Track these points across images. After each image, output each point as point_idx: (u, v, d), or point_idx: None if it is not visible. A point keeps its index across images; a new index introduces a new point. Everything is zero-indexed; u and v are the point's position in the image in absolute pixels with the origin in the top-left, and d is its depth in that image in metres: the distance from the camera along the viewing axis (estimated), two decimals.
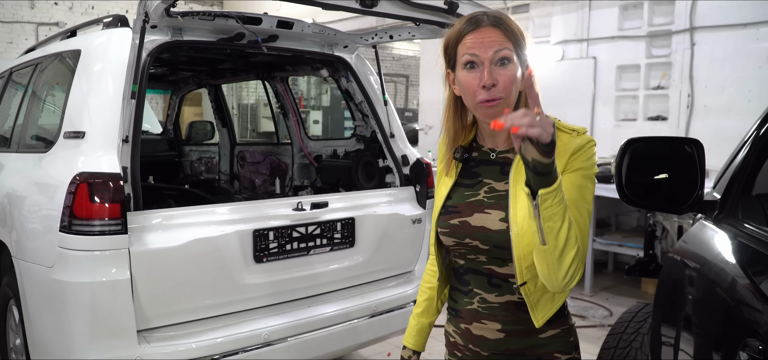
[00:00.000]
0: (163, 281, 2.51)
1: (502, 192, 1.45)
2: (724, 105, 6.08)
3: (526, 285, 1.41)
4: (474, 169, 1.53)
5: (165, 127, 5.92)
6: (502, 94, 1.36)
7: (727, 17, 6.01)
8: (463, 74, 1.40)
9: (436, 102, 9.26)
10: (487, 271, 1.48)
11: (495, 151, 1.51)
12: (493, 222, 1.43)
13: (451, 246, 1.53)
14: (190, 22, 2.79)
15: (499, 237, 1.42)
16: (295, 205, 2.93)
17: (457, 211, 1.50)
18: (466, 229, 1.47)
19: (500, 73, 1.35)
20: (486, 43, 1.36)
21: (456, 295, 1.58)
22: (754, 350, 1.16)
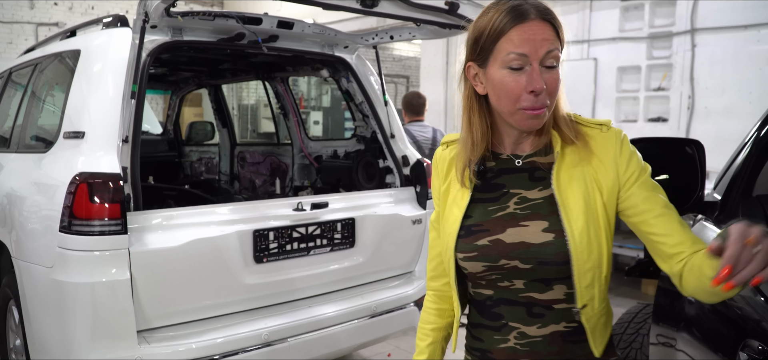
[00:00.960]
0: (163, 281, 2.51)
1: (538, 200, 1.25)
2: (724, 107, 6.08)
3: (586, 308, 1.23)
4: (494, 181, 1.31)
5: (165, 128, 5.93)
6: (548, 102, 1.19)
7: (728, 19, 6.01)
8: (504, 74, 1.19)
9: (436, 103, 9.25)
10: (525, 300, 1.25)
11: (519, 157, 1.30)
12: (535, 234, 1.22)
13: (478, 273, 1.28)
14: (190, 22, 2.79)
15: (546, 251, 1.21)
16: (296, 205, 2.93)
17: (483, 229, 1.27)
18: (500, 249, 1.24)
19: (547, 78, 1.17)
20: (538, 40, 1.16)
21: (481, 333, 1.33)
22: (754, 351, 1.16)
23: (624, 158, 1.23)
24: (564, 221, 1.20)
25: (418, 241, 3.43)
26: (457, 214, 1.31)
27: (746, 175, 1.73)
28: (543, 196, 1.25)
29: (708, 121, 6.18)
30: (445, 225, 1.35)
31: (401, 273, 3.44)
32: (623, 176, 1.22)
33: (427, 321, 1.48)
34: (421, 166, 3.49)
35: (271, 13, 3.04)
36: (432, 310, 1.48)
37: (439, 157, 1.42)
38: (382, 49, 14.23)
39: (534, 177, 1.28)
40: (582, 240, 1.19)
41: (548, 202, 1.24)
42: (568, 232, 1.19)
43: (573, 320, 1.23)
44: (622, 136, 1.26)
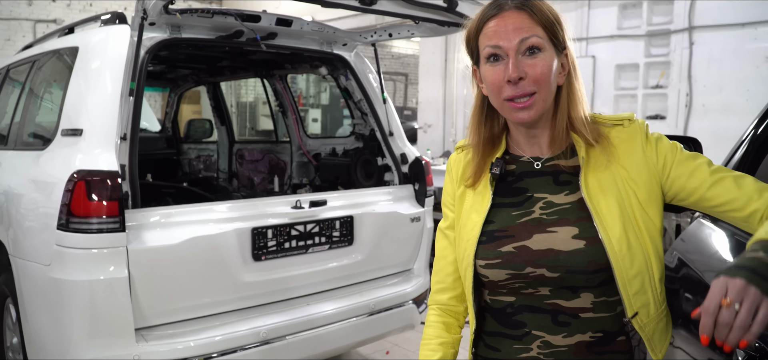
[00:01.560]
0: (162, 279, 2.50)
1: (565, 205, 1.20)
2: (722, 104, 6.09)
3: (638, 316, 1.16)
4: (516, 185, 1.26)
5: (163, 125, 5.92)
6: (533, 89, 1.15)
7: (726, 17, 6.02)
8: (487, 69, 1.19)
9: (435, 101, 9.26)
10: (550, 307, 1.19)
11: (539, 160, 1.25)
12: (564, 241, 1.16)
13: (500, 281, 1.21)
14: (189, 19, 2.79)
15: (576, 259, 1.15)
16: (294, 203, 2.93)
17: (508, 235, 1.21)
18: (526, 256, 1.18)
19: (529, 64, 1.15)
20: (510, 30, 1.15)
21: (499, 342, 1.26)
22: (752, 348, 1.16)
23: (651, 148, 1.19)
24: (600, 230, 1.14)
25: (417, 239, 3.43)
26: (477, 220, 1.25)
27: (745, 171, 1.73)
28: (570, 201, 1.20)
29: (706, 118, 6.19)
30: (462, 231, 1.28)
31: (400, 271, 3.44)
32: (657, 166, 1.19)
33: (434, 335, 1.36)
34: (420, 164, 3.49)
35: (270, 11, 3.04)
36: (438, 324, 1.37)
37: (453, 161, 1.38)
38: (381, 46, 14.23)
39: (559, 181, 1.23)
40: (622, 247, 1.13)
41: (576, 207, 1.19)
42: (605, 242, 1.14)
43: (599, 330, 1.18)
44: (645, 126, 1.22)
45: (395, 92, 15.73)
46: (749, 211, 1.11)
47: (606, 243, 1.13)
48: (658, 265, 1.19)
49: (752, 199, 1.11)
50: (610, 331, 1.19)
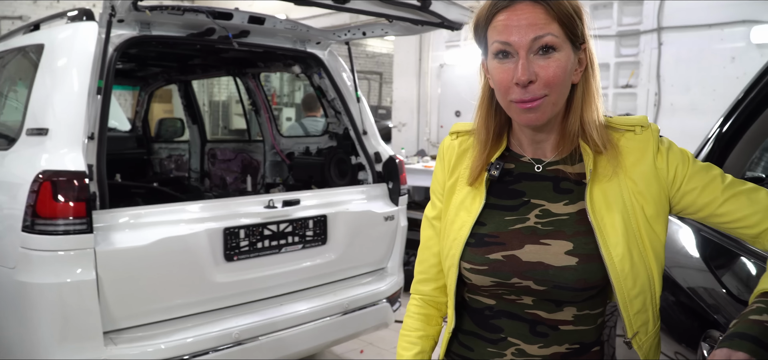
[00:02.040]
0: (131, 281, 2.46)
1: (562, 216, 1.13)
2: (689, 104, 6.21)
3: (638, 335, 1.12)
4: (513, 187, 1.18)
5: (133, 124, 5.83)
6: (545, 92, 1.05)
7: (694, 18, 6.14)
8: (494, 65, 1.09)
9: (409, 100, 9.27)
10: (530, 317, 1.14)
11: (541, 163, 1.17)
12: (556, 256, 1.10)
13: (485, 287, 1.17)
14: (159, 16, 2.75)
15: (566, 275, 1.09)
16: (267, 202, 2.91)
17: (498, 242, 1.14)
18: (515, 266, 1.12)
19: (541, 66, 1.04)
20: (523, 26, 1.04)
21: (473, 342, 1.22)
22: (715, 341, 1.19)
23: (662, 159, 1.11)
24: (602, 247, 1.07)
25: (391, 238, 3.43)
26: (466, 220, 1.18)
27: None
28: (569, 212, 1.13)
29: (674, 117, 6.31)
30: (448, 229, 1.21)
31: (373, 270, 3.44)
32: (668, 179, 1.11)
33: (413, 328, 1.31)
34: (394, 162, 3.49)
35: (243, 9, 3.01)
36: (419, 315, 1.32)
37: (446, 146, 1.28)
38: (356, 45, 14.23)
39: (559, 188, 1.15)
40: (624, 267, 1.07)
41: (574, 220, 1.12)
42: (607, 260, 1.07)
43: (577, 342, 1.14)
44: (657, 133, 1.14)
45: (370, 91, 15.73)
46: (761, 230, 1.07)
47: (607, 262, 1.07)
48: (659, 283, 1.13)
49: (766, 216, 1.06)
50: (587, 342, 1.16)
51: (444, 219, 1.24)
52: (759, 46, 5.68)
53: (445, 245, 1.21)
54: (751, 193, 1.09)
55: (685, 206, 1.12)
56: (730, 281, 1.44)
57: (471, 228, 1.16)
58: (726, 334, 0.88)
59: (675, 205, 1.12)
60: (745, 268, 1.41)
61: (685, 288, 1.54)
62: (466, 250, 1.16)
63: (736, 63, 5.90)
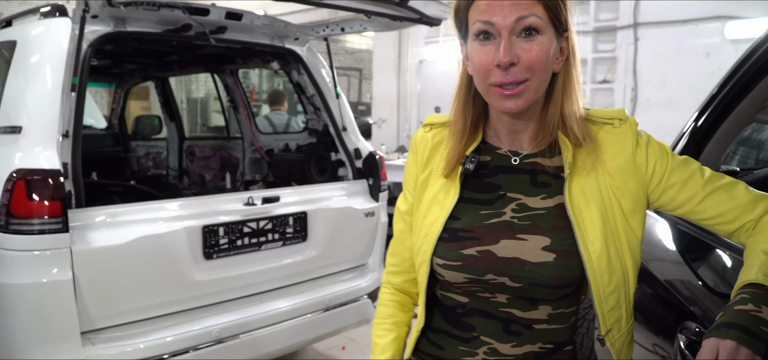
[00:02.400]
0: (108, 280, 2.43)
1: (539, 211, 1.10)
2: (666, 99, 6.30)
3: (611, 332, 1.10)
4: (489, 180, 1.15)
5: (110, 122, 5.75)
6: (526, 76, 1.02)
7: (669, 14, 6.22)
8: (474, 47, 1.05)
9: (389, 96, 9.27)
10: (504, 315, 1.11)
11: (518, 155, 1.14)
12: (532, 252, 1.07)
13: (458, 283, 1.13)
14: (134, 12, 2.71)
15: (542, 272, 1.06)
16: (246, 200, 2.89)
17: (473, 237, 1.11)
18: (490, 262, 1.09)
19: (524, 48, 1.01)
20: (505, 5, 1.01)
21: (444, 341, 1.19)
22: (691, 333, 1.20)
23: (641, 153, 1.09)
24: (580, 243, 1.05)
25: (371, 234, 3.43)
26: (439, 215, 1.14)
27: None
28: (546, 207, 1.10)
29: (650, 112, 6.40)
30: (421, 224, 1.17)
31: (354, 266, 3.43)
32: (647, 174, 1.09)
33: (387, 314, 1.29)
34: (374, 158, 3.49)
35: (220, 4, 2.98)
36: (392, 302, 1.30)
37: (419, 139, 1.24)
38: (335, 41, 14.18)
39: (536, 182, 1.12)
40: (601, 263, 1.05)
41: (551, 215, 1.09)
42: (585, 257, 1.05)
43: (550, 342, 1.12)
44: (636, 127, 1.11)
45: (349, 87, 15.70)
46: (738, 226, 1.06)
47: (585, 258, 1.05)
48: (634, 280, 1.11)
49: (745, 211, 1.05)
50: (561, 341, 1.14)
51: (416, 213, 1.21)
52: (733, 42, 5.77)
53: (417, 241, 1.18)
54: (730, 189, 1.08)
55: (665, 202, 1.10)
56: (706, 273, 1.46)
57: (444, 224, 1.13)
58: (713, 325, 0.89)
59: (654, 200, 1.11)
60: (721, 260, 1.44)
61: (662, 280, 1.57)
62: (439, 245, 1.12)
63: (710, 58, 6.00)
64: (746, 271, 0.95)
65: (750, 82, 1.59)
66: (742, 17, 5.80)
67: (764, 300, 0.88)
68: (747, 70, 1.58)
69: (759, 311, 0.87)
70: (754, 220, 1.05)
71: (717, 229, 1.09)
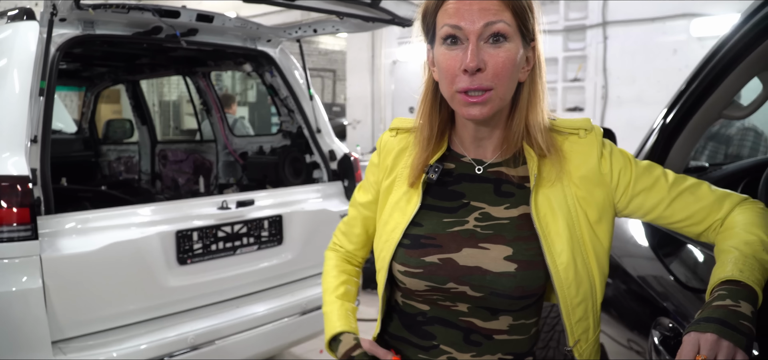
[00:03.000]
0: (80, 288, 2.39)
1: (503, 220, 1.09)
2: (635, 95, 6.41)
3: (579, 343, 1.10)
4: (452, 188, 1.14)
5: (80, 126, 5.64)
6: (492, 84, 1.01)
7: (637, 12, 6.34)
8: (442, 52, 1.04)
9: (363, 97, 9.28)
10: (465, 325, 1.11)
11: (482, 164, 1.14)
12: (495, 262, 1.06)
13: (419, 291, 1.12)
14: (102, 14, 2.66)
15: (504, 282, 1.05)
16: (220, 204, 2.86)
17: (435, 244, 1.10)
18: (451, 270, 1.08)
19: (491, 54, 1.01)
20: (474, 10, 1.00)
21: (404, 348, 1.18)
22: (665, 328, 1.23)
23: (606, 163, 1.09)
24: (547, 255, 1.05)
25: None
26: (400, 221, 1.14)
27: (656, 159, 1.82)
28: (509, 217, 1.09)
29: (621, 109, 6.50)
30: (382, 229, 1.18)
31: None
32: (612, 183, 1.09)
33: (339, 266, 1.32)
34: (349, 160, 3.48)
35: (190, 6, 2.95)
36: (344, 254, 1.34)
37: (384, 142, 1.24)
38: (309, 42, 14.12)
39: (500, 191, 1.11)
40: (568, 275, 1.05)
41: (514, 224, 1.09)
42: (551, 269, 1.05)
43: (510, 353, 1.12)
44: (601, 137, 1.11)
45: (323, 89, 15.66)
46: (705, 227, 1.08)
47: (552, 270, 1.05)
48: (601, 289, 1.11)
49: (711, 211, 1.07)
50: (521, 352, 1.13)
51: (379, 219, 1.21)
52: (699, 39, 5.90)
53: (378, 246, 1.18)
54: (695, 190, 1.09)
55: (633, 210, 1.11)
56: (678, 269, 1.49)
57: (404, 230, 1.13)
58: (693, 321, 0.90)
59: (622, 209, 1.11)
60: (692, 256, 1.46)
61: (635, 277, 1.59)
62: (401, 251, 1.12)
63: (678, 55, 6.12)
64: (721, 269, 0.96)
65: (716, 79, 1.63)
66: (707, 14, 5.93)
67: (742, 295, 0.90)
68: (713, 67, 1.62)
69: (737, 306, 0.88)
70: (720, 219, 1.07)
71: (686, 231, 1.10)
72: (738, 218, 1.04)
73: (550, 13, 6.95)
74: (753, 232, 1.00)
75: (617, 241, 1.81)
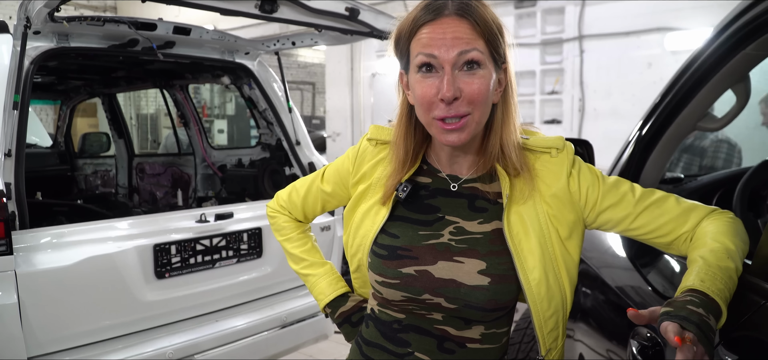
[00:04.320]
0: (56, 303, 2.34)
1: (476, 235, 1.12)
2: (611, 108, 6.50)
3: (550, 352, 1.13)
4: (428, 202, 1.17)
5: (55, 140, 5.56)
6: (468, 110, 1.04)
7: (612, 26, 6.44)
8: (417, 79, 1.06)
9: (342, 109, 9.28)
10: (439, 333, 1.14)
11: (457, 180, 1.17)
12: (469, 275, 1.09)
13: (396, 301, 1.16)
14: (77, 27, 2.64)
15: (477, 295, 1.08)
16: (198, 217, 2.83)
17: (412, 256, 1.13)
18: (427, 282, 1.11)
19: (466, 82, 1.03)
20: (448, 40, 1.02)
21: (379, 354, 1.21)
22: (643, 338, 1.24)
23: (575, 182, 1.12)
24: (519, 272, 1.08)
25: (328, 248, 3.41)
26: (370, 229, 1.19)
27: (631, 172, 1.84)
28: (483, 231, 1.12)
29: (597, 121, 6.59)
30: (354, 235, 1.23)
31: None
32: (581, 201, 1.12)
33: (297, 232, 1.47)
34: None
35: (167, 19, 2.93)
36: (294, 222, 1.47)
37: (364, 149, 1.27)
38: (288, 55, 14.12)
39: (474, 207, 1.14)
40: (540, 291, 1.08)
41: (488, 239, 1.12)
42: (524, 285, 1.08)
43: (482, 359, 1.15)
44: (572, 155, 1.14)
45: (303, 101, 15.64)
46: (673, 238, 1.10)
47: (524, 285, 1.08)
48: (570, 299, 1.14)
49: (678, 223, 1.09)
50: (493, 359, 1.17)
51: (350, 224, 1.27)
52: (673, 53, 6.00)
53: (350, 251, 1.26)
54: (661, 204, 1.11)
55: (601, 224, 1.15)
56: (656, 279, 1.50)
57: (373, 238, 1.18)
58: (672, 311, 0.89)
59: (591, 223, 1.15)
60: (669, 265, 1.48)
61: (614, 287, 1.61)
62: (378, 262, 1.16)
63: (652, 68, 6.22)
64: (685, 278, 0.98)
65: (690, 92, 1.66)
66: (680, 29, 6.05)
67: (711, 309, 0.91)
68: (686, 80, 1.64)
69: (708, 318, 0.90)
70: (689, 230, 1.09)
71: (654, 242, 1.13)
72: (707, 228, 1.07)
73: (527, 27, 7.04)
74: (718, 241, 1.02)
75: (595, 252, 1.83)
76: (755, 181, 1.75)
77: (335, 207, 1.42)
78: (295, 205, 1.44)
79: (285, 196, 1.46)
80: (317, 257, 1.46)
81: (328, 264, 1.46)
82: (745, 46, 1.42)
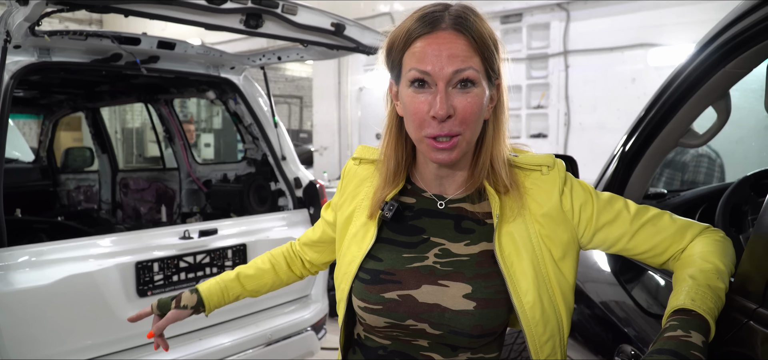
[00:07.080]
0: (35, 323, 2.30)
1: (462, 257, 1.08)
2: (596, 122, 6.55)
3: None
4: (413, 223, 1.13)
5: (37, 155, 5.49)
6: (460, 130, 1.00)
7: (597, 42, 6.51)
8: (409, 93, 1.02)
9: (330, 123, 9.27)
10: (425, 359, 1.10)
11: (443, 199, 1.13)
12: (453, 299, 1.04)
13: (379, 327, 1.10)
14: (59, 41, 2.61)
15: (462, 320, 1.03)
16: (182, 233, 2.80)
17: (395, 280, 1.08)
18: (410, 307, 1.06)
19: (460, 100, 0.99)
20: (443, 56, 0.98)
21: None
22: (627, 355, 1.23)
23: (567, 200, 1.08)
24: (512, 294, 1.03)
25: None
26: (356, 254, 1.13)
27: (616, 186, 1.85)
28: (469, 253, 1.07)
29: (583, 135, 6.63)
30: (341, 261, 1.18)
31: (297, 298, 3.37)
32: (574, 220, 1.09)
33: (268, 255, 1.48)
34: (314, 187, 3.45)
35: (153, 33, 2.91)
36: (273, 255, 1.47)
37: (348, 170, 1.25)
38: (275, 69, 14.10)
39: (461, 227, 1.10)
40: (535, 314, 1.03)
41: (475, 261, 1.07)
42: (517, 308, 1.03)
43: None
44: (563, 172, 1.11)
45: (290, 115, 15.62)
46: (668, 257, 1.09)
47: (518, 309, 1.03)
48: (568, 324, 1.10)
49: (673, 241, 1.08)
50: None
51: (339, 250, 1.21)
52: (657, 68, 6.07)
53: (337, 278, 1.18)
54: (656, 222, 1.09)
55: (597, 244, 1.11)
56: (640, 295, 1.50)
57: (359, 264, 1.12)
58: (647, 354, 0.89)
59: (586, 243, 1.11)
60: (653, 281, 1.48)
61: (598, 303, 1.60)
62: (360, 287, 1.10)
63: (636, 83, 6.28)
64: (674, 297, 0.97)
65: (672, 108, 1.66)
66: (663, 45, 6.12)
67: (693, 325, 0.90)
68: (669, 96, 1.65)
69: (688, 336, 0.88)
70: (682, 248, 1.07)
71: (649, 261, 1.11)
72: (696, 248, 1.06)
73: (513, 42, 7.09)
74: (709, 261, 1.01)
75: (580, 267, 1.83)
76: (736, 197, 1.76)
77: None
78: (309, 238, 1.44)
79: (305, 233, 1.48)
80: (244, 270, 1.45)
81: (233, 272, 1.45)
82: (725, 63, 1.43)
